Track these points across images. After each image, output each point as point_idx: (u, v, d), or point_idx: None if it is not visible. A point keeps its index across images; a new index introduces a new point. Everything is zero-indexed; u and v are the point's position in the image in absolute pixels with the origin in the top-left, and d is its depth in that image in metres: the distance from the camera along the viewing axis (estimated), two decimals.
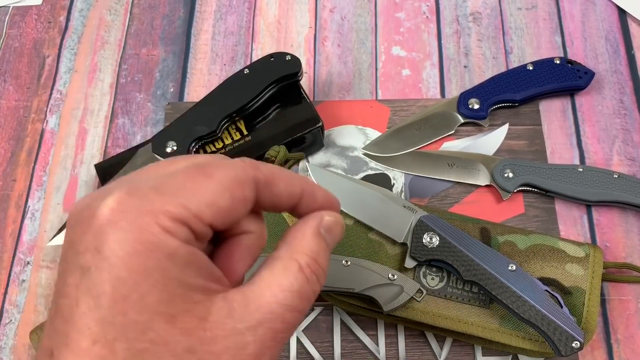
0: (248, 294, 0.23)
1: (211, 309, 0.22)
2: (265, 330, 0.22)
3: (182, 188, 0.22)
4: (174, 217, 0.21)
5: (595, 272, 0.45)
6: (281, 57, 0.52)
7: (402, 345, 0.47)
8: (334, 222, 0.27)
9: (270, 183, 0.25)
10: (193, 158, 0.25)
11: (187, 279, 0.22)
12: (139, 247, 0.21)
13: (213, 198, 0.23)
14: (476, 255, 0.43)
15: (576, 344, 0.40)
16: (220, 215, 0.23)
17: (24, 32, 0.63)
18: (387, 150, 0.54)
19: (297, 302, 0.24)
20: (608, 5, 0.62)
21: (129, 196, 0.22)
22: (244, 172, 0.24)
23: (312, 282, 0.25)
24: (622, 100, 0.57)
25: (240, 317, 0.22)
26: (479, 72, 0.59)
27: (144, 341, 0.20)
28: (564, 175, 0.51)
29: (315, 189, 0.27)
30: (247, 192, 0.24)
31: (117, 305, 0.20)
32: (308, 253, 0.25)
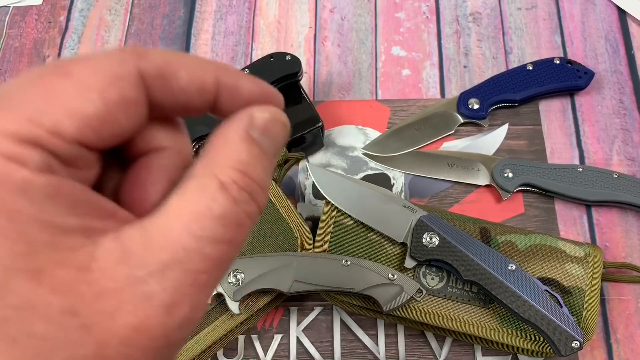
0: (150, 229, 0.17)
1: (95, 255, 0.17)
2: (177, 273, 0.17)
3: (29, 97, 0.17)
4: (19, 138, 0.16)
5: (595, 272, 0.45)
6: (281, 57, 0.52)
7: (402, 345, 0.47)
8: (270, 119, 0.20)
9: (165, 75, 0.19)
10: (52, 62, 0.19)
11: (52, 218, 0.16)
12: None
13: (74, 104, 0.17)
14: (476, 255, 0.43)
15: (576, 344, 0.40)
16: (89, 126, 0.17)
17: (24, 32, 0.63)
18: (387, 150, 0.54)
19: (222, 230, 0.18)
20: (608, 5, 0.62)
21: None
22: (119, 65, 0.18)
23: (242, 202, 0.18)
24: (621, 100, 0.57)
25: (140, 260, 0.17)
26: (478, 72, 0.59)
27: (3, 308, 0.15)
28: (563, 175, 0.51)
29: (240, 79, 0.21)
30: (127, 91, 0.18)
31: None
32: (233, 164, 0.19)
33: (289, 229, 0.47)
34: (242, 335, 0.48)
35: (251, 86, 0.21)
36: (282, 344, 0.47)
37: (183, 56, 0.19)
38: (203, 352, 0.44)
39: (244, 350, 0.47)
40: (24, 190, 0.16)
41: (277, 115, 0.21)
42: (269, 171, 0.20)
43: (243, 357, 0.47)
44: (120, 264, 0.17)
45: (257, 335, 0.48)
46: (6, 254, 0.16)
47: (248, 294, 0.43)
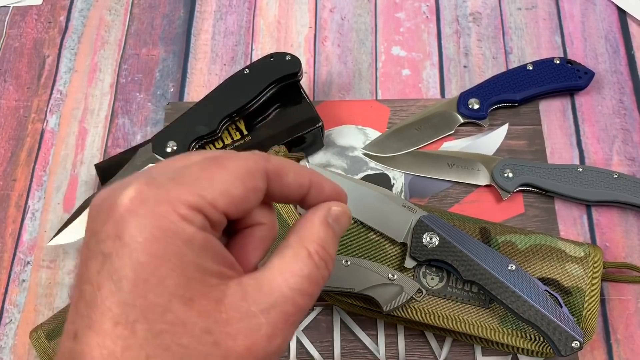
0: (261, 279, 0.24)
1: (226, 292, 0.23)
2: (277, 312, 0.24)
3: (198, 178, 0.24)
4: (191, 205, 0.23)
5: (595, 272, 0.45)
6: (281, 57, 0.52)
7: (402, 345, 0.47)
8: (341, 212, 0.29)
9: (280, 174, 0.26)
10: (207, 152, 0.26)
11: (203, 263, 0.23)
12: (157, 234, 0.22)
13: (227, 187, 0.24)
14: (476, 255, 0.43)
15: (576, 344, 0.40)
16: (233, 203, 0.24)
17: (24, 32, 0.63)
18: (387, 150, 0.54)
19: (307, 286, 0.25)
20: (608, 5, 0.62)
21: (147, 186, 0.23)
22: (255, 163, 0.25)
23: (320, 268, 0.26)
24: (622, 100, 0.57)
25: (254, 300, 0.23)
26: (478, 72, 0.59)
27: (162, 322, 0.21)
28: (563, 175, 0.51)
29: (323, 181, 0.29)
30: (258, 182, 0.25)
31: (138, 288, 0.21)
32: (316, 241, 0.26)
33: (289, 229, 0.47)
34: None
35: (330, 186, 0.29)
36: None
37: (290, 162, 0.28)
38: None
39: None
40: (190, 241, 0.22)
41: (346, 209, 0.29)
42: (336, 248, 0.28)
43: None
44: (242, 301, 0.23)
45: None
46: (172, 284, 0.22)
47: None
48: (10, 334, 0.49)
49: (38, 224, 0.53)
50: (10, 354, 0.48)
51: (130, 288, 0.21)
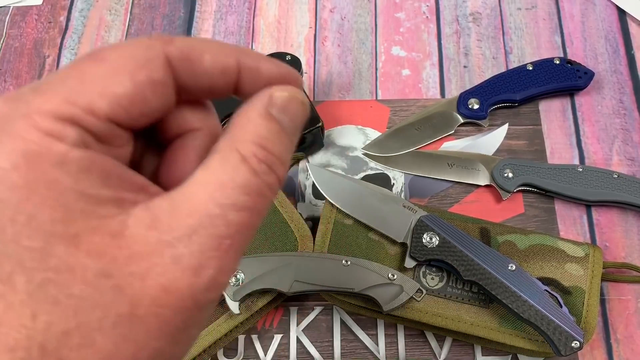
0: (177, 199, 0.19)
1: (127, 223, 0.18)
2: (203, 237, 0.18)
3: (65, 80, 0.18)
4: (57, 116, 0.18)
5: (595, 272, 0.45)
6: (281, 57, 0.52)
7: (402, 345, 0.47)
8: (289, 97, 0.22)
9: (190, 58, 0.20)
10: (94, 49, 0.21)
11: (87, 189, 0.18)
12: (16, 159, 0.17)
13: (106, 85, 0.19)
14: (476, 255, 0.43)
15: (576, 344, 0.40)
16: (120, 105, 0.19)
17: (25, 32, 0.63)
18: (387, 150, 0.54)
19: (243, 198, 0.19)
20: (608, 5, 0.62)
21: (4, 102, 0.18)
22: (147, 49, 0.20)
23: (262, 173, 0.20)
24: (621, 100, 0.57)
25: (168, 226, 0.18)
26: (478, 72, 0.59)
27: (44, 270, 0.17)
28: (563, 175, 0.51)
29: (260, 61, 0.22)
30: (155, 73, 0.19)
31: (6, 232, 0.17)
32: (253, 139, 0.20)
33: (289, 229, 0.47)
34: (242, 335, 0.48)
35: (271, 67, 0.22)
36: (282, 344, 0.47)
37: (206, 41, 0.21)
38: (203, 352, 0.44)
39: (244, 350, 0.47)
40: (62, 162, 0.17)
41: (296, 94, 0.22)
42: (288, 147, 0.21)
43: (243, 357, 0.47)
44: (150, 230, 0.18)
45: (257, 335, 0.48)
46: (46, 220, 0.17)
47: (248, 294, 0.43)
48: None
49: None
50: None
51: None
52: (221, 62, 0.21)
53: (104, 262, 0.18)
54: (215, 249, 0.19)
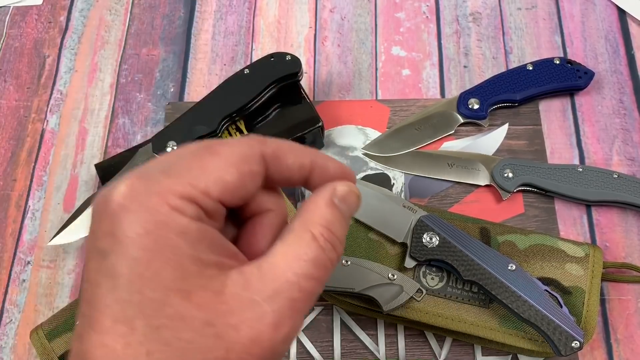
0: (263, 266, 0.23)
1: (226, 283, 0.22)
2: (282, 300, 0.23)
3: (189, 168, 0.23)
4: (182, 196, 0.22)
5: (595, 271, 0.45)
6: (281, 57, 0.52)
7: (402, 345, 0.47)
8: (348, 191, 0.27)
9: (278, 156, 0.26)
10: (202, 142, 0.25)
11: (199, 255, 0.22)
12: (149, 227, 0.21)
13: (219, 174, 0.23)
14: (476, 255, 0.43)
15: (576, 344, 0.40)
16: (228, 190, 0.23)
17: (24, 32, 0.63)
18: (387, 150, 0.54)
19: (313, 270, 0.24)
20: (608, 5, 0.62)
21: (138, 180, 0.22)
22: (249, 148, 0.25)
23: (327, 250, 0.25)
24: (621, 100, 0.57)
25: (257, 288, 0.22)
26: (478, 72, 0.59)
27: (161, 317, 0.21)
28: (563, 175, 0.51)
29: (328, 161, 0.27)
30: (254, 166, 0.24)
31: (133, 284, 0.21)
32: (321, 222, 0.25)
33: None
34: None
35: (335, 166, 0.28)
36: None
37: (289, 143, 0.26)
38: None
39: None
40: (183, 232, 0.22)
41: (353, 188, 0.27)
42: (345, 229, 0.27)
43: None
44: (243, 290, 0.22)
45: None
46: (168, 278, 0.21)
47: None
48: (10, 334, 0.49)
49: (38, 224, 0.53)
50: (10, 354, 0.48)
51: (126, 284, 0.21)
52: (300, 160, 0.26)
53: (209, 314, 0.21)
54: (290, 310, 0.23)
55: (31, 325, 0.49)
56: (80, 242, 0.52)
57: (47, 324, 0.45)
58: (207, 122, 0.50)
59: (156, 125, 0.57)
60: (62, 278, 0.51)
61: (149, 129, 0.57)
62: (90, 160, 0.56)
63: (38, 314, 0.49)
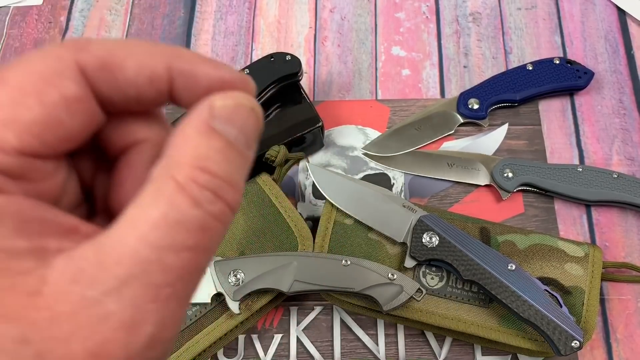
0: (104, 243, 0.16)
1: (47, 278, 0.15)
2: (135, 289, 0.15)
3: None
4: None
5: (595, 271, 0.45)
6: (281, 57, 0.52)
7: (402, 345, 0.47)
8: (234, 106, 0.17)
9: (109, 66, 0.17)
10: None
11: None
12: None
13: (10, 113, 0.16)
14: (476, 254, 0.43)
15: (575, 344, 0.40)
16: (31, 133, 0.16)
17: (25, 32, 0.63)
18: (387, 150, 0.54)
19: (182, 237, 0.16)
20: (607, 5, 0.62)
21: None
22: (56, 62, 0.16)
23: (205, 202, 0.16)
24: (621, 100, 0.57)
25: (92, 279, 0.15)
26: (478, 72, 0.59)
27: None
28: (563, 175, 0.51)
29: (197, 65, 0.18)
30: (67, 89, 0.16)
31: None
32: (191, 162, 0.16)
33: (289, 229, 0.47)
34: (242, 335, 0.48)
35: (210, 72, 0.18)
36: (282, 343, 0.47)
37: (129, 44, 0.17)
38: (203, 352, 0.44)
39: (244, 350, 0.47)
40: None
41: (242, 100, 0.18)
42: (240, 164, 0.17)
43: (243, 357, 0.47)
44: (72, 285, 0.15)
45: (257, 335, 0.48)
46: None
47: (248, 293, 0.43)
48: None
49: None
50: None
51: None
52: (147, 68, 0.17)
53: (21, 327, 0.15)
54: (153, 301, 0.15)
55: None
56: None
57: None
58: None
59: None
60: None
61: None
62: None
63: None
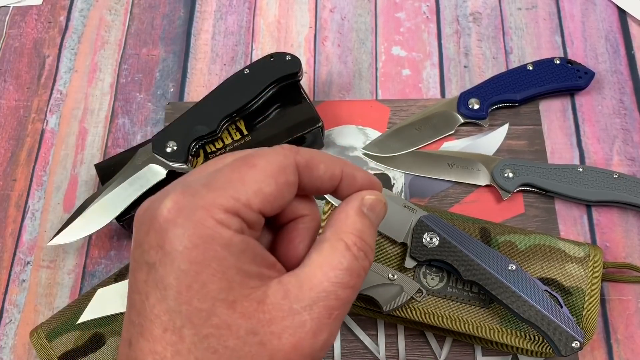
0: (301, 276, 0.24)
1: (267, 293, 0.23)
2: (320, 308, 0.24)
3: (230, 181, 0.24)
4: (226, 209, 0.23)
5: (595, 272, 0.45)
6: (281, 57, 0.52)
7: (402, 345, 0.47)
8: (376, 200, 0.28)
9: (310, 166, 0.26)
10: (238, 153, 0.27)
11: (243, 266, 0.23)
12: (196, 241, 0.22)
13: (259, 186, 0.24)
14: (476, 255, 0.43)
15: (576, 344, 0.40)
16: (267, 201, 0.24)
17: (24, 32, 0.63)
18: (387, 150, 0.54)
19: (348, 278, 0.25)
20: (608, 5, 0.62)
21: (183, 195, 0.23)
22: (285, 158, 0.25)
23: (360, 259, 0.26)
24: (622, 100, 0.57)
25: (296, 297, 0.24)
26: (479, 72, 0.59)
27: (208, 326, 0.22)
28: (564, 175, 0.51)
29: (355, 171, 0.28)
30: (290, 177, 0.25)
31: (182, 295, 0.22)
32: (353, 232, 0.26)
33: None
34: None
35: (363, 175, 0.29)
36: None
37: (320, 153, 0.27)
38: None
39: None
40: (228, 245, 0.23)
41: (380, 197, 0.29)
42: (374, 237, 0.28)
43: None
44: (283, 300, 0.24)
45: None
46: (215, 289, 0.22)
47: None
48: (10, 334, 0.49)
49: (38, 224, 0.53)
50: (10, 354, 0.48)
51: (175, 295, 0.22)
52: (331, 170, 0.27)
53: (252, 323, 0.23)
54: (328, 318, 0.24)
55: (31, 326, 0.49)
56: (80, 242, 0.52)
57: (47, 324, 0.45)
58: (207, 122, 0.50)
59: (156, 125, 0.57)
60: (62, 278, 0.51)
61: (149, 129, 0.57)
62: (90, 160, 0.56)
63: (38, 314, 0.49)
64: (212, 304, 0.22)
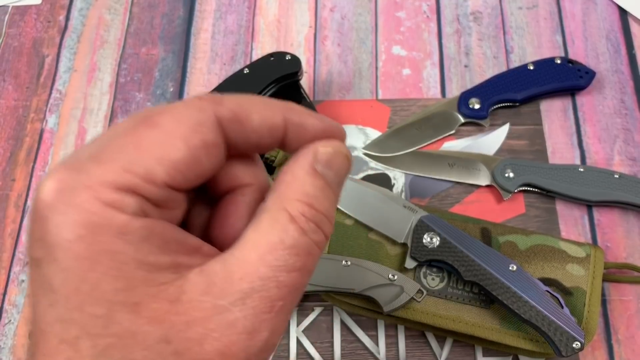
0: (230, 261, 0.19)
1: (184, 288, 0.18)
2: (256, 301, 0.19)
3: (122, 148, 0.18)
4: (117, 187, 0.18)
5: (596, 272, 0.45)
6: (281, 56, 0.52)
7: (402, 346, 0.47)
8: (333, 153, 0.22)
9: (240, 118, 0.21)
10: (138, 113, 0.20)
11: (146, 258, 0.18)
12: (80, 231, 0.17)
13: (162, 152, 0.19)
14: (477, 255, 0.43)
15: (577, 345, 0.40)
16: (177, 171, 0.19)
17: (24, 32, 0.63)
18: (388, 150, 0.54)
19: (293, 259, 0.19)
20: (609, 4, 0.61)
21: (67, 172, 0.18)
22: (199, 112, 0.20)
23: (310, 232, 0.20)
24: (623, 99, 0.56)
25: (222, 291, 0.19)
26: (479, 71, 0.59)
27: (107, 336, 0.18)
28: (564, 175, 0.51)
29: (305, 117, 0.22)
30: (207, 135, 0.20)
31: (71, 300, 0.18)
32: (300, 198, 0.20)
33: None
34: None
35: (315, 123, 0.22)
36: (282, 344, 0.47)
37: (254, 100, 0.21)
38: None
39: None
40: (123, 233, 0.18)
41: (340, 148, 0.22)
42: (334, 202, 0.22)
43: None
44: (205, 295, 0.18)
45: None
46: (109, 290, 0.18)
47: None
48: (9, 334, 0.49)
49: None
50: (9, 354, 0.48)
51: (64, 300, 0.18)
52: (269, 120, 0.21)
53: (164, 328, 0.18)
54: (268, 311, 0.19)
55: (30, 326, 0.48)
56: None
57: None
58: None
59: None
60: None
61: None
62: None
63: None
64: (108, 309, 0.18)
